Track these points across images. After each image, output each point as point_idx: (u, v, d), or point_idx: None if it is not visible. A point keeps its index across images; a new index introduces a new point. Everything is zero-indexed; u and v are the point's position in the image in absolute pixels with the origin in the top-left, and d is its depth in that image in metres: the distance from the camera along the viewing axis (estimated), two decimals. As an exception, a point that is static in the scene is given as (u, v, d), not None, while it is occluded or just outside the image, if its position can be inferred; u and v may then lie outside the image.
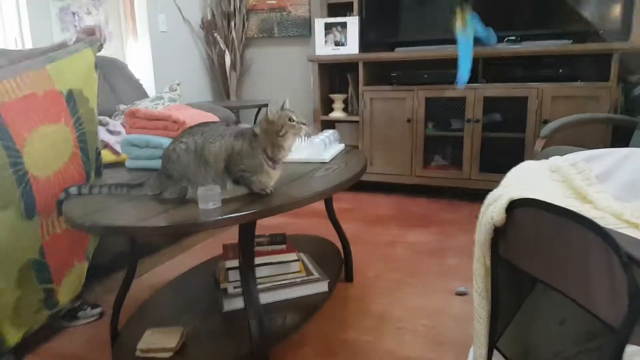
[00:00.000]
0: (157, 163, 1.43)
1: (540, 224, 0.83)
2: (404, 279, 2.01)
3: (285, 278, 1.64)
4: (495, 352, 1.00)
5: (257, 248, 1.67)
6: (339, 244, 2.03)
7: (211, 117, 1.75)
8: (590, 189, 1.00)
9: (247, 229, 1.28)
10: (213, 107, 2.91)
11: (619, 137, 2.60)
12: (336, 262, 1.91)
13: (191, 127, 1.33)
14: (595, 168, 1.08)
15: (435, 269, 2.09)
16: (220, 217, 1.10)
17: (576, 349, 1.00)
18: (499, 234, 0.94)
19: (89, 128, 1.59)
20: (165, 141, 1.58)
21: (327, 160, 1.70)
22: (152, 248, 2.41)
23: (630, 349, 0.66)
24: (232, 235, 2.60)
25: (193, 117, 1.69)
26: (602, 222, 0.76)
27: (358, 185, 3.42)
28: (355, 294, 1.89)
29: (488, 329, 1.00)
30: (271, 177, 1.28)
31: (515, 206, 0.88)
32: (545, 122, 2.73)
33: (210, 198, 1.16)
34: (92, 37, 1.62)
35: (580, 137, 2.68)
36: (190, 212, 1.14)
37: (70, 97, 1.50)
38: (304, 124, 1.27)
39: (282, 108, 1.27)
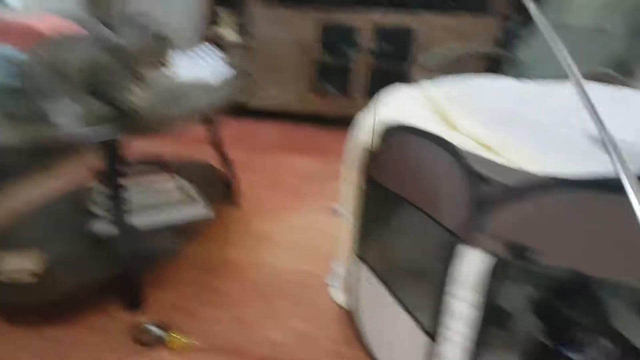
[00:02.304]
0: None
1: (406, 146, 0.88)
2: (286, 202, 2.05)
3: (163, 201, 1.59)
4: (362, 265, 1.07)
5: (132, 172, 1.59)
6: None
7: (74, 28, 1.58)
8: (457, 115, 1.06)
9: (112, 148, 1.20)
10: (78, 18, 2.63)
11: (493, 72, 2.76)
12: (219, 186, 1.89)
13: (50, 38, 1.20)
14: (464, 97, 1.14)
15: (316, 192, 2.16)
16: (80, 134, 1.02)
17: (428, 257, 1.11)
18: (371, 158, 0.98)
19: None
20: (16, 53, 1.40)
21: (209, 81, 1.63)
22: (13, 173, 2.20)
23: (466, 250, 0.74)
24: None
25: (52, 26, 1.51)
26: (465, 146, 0.81)
27: (247, 112, 3.36)
28: (239, 217, 1.90)
29: (353, 242, 1.07)
30: (140, 97, 1.20)
31: (389, 133, 0.92)
32: (428, 52, 2.82)
33: (69, 115, 1.07)
34: None
35: (457, 70, 2.81)
36: (48, 129, 1.04)
37: None
38: (165, 64, 1.18)
39: (159, 36, 1.17)
